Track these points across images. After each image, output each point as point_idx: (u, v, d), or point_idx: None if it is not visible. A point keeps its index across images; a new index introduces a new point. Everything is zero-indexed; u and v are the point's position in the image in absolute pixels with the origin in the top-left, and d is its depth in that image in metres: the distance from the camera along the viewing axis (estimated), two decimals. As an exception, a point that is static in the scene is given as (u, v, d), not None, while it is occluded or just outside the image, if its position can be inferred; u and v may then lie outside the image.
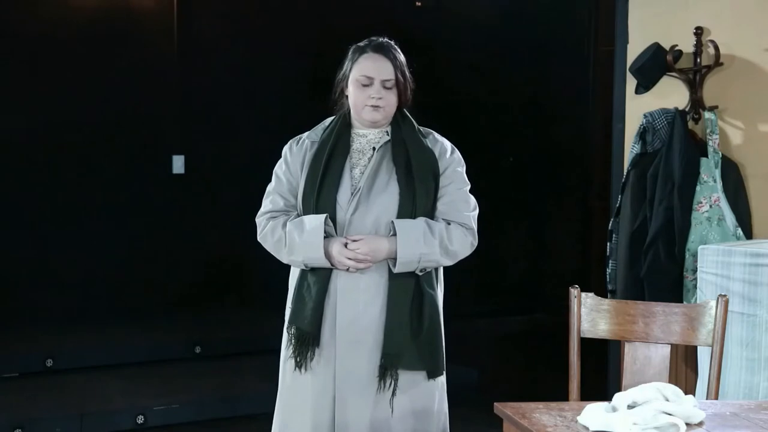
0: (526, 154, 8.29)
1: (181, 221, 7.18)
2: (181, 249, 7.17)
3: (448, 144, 3.13)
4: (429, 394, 3.04)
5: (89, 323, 6.66)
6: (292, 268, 3.10)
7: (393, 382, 2.95)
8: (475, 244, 3.06)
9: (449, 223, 3.01)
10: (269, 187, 3.12)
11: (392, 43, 3.10)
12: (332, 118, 3.15)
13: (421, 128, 3.13)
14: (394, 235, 2.93)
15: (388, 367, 2.94)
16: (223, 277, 7.33)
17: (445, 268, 3.14)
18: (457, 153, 3.12)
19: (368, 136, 3.07)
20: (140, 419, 5.14)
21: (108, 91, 6.93)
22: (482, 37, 7.97)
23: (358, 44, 3.09)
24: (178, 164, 7.26)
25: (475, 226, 3.06)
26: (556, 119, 8.17)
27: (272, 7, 7.44)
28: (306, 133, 3.14)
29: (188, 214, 7.21)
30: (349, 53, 3.09)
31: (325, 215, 2.94)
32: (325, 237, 2.92)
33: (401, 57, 3.08)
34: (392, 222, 2.94)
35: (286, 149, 3.13)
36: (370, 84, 3.01)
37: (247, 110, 7.28)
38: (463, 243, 3.02)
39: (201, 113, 7.22)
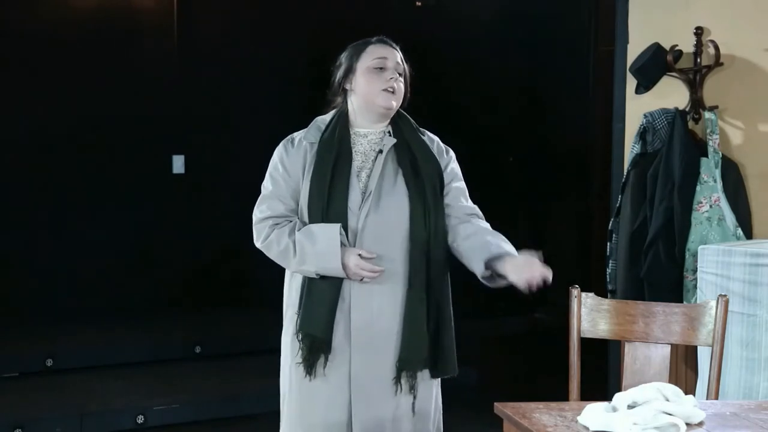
0: (526, 154, 8.29)
1: (181, 221, 7.18)
2: (181, 249, 7.17)
3: (441, 142, 3.14)
4: (430, 393, 3.06)
5: (89, 323, 6.66)
6: (291, 274, 3.04)
7: (412, 386, 2.96)
8: None
9: (478, 219, 3.09)
10: (265, 192, 3.04)
11: None
12: (325, 118, 3.08)
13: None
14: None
15: (406, 370, 2.95)
16: (223, 276, 7.33)
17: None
18: (451, 150, 3.15)
19: (369, 137, 3.04)
20: (140, 419, 5.14)
21: (108, 91, 6.93)
22: (482, 36, 7.97)
23: (355, 43, 3.07)
24: (178, 164, 7.26)
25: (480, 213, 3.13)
26: (556, 119, 8.16)
27: (272, 7, 7.44)
28: (298, 134, 3.07)
29: (188, 214, 7.21)
30: (348, 51, 3.06)
31: (339, 225, 2.89)
32: None
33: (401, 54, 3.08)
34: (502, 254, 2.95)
35: (280, 151, 3.04)
36: (384, 67, 2.98)
37: (247, 110, 7.28)
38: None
39: (201, 113, 7.22)
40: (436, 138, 3.13)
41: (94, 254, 6.96)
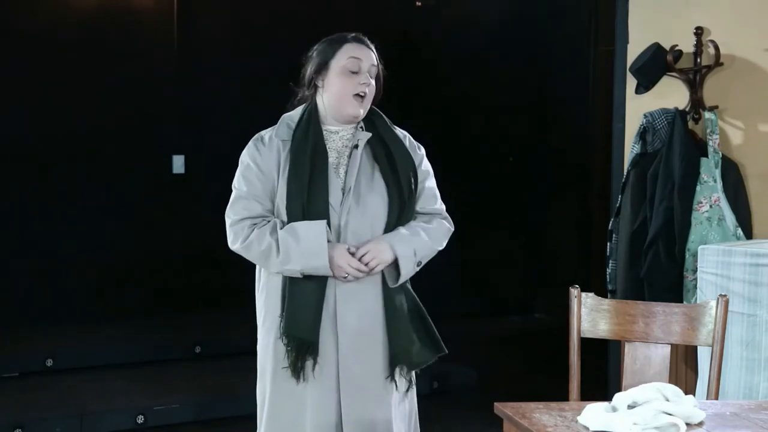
0: (526, 154, 8.29)
1: (181, 221, 7.18)
2: (181, 249, 7.17)
3: (412, 138, 3.11)
4: (413, 390, 3.06)
5: (89, 323, 6.66)
6: (267, 276, 3.00)
7: (404, 379, 2.96)
8: (452, 228, 3.08)
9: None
10: (239, 193, 2.97)
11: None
12: (293, 115, 3.04)
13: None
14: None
15: (400, 365, 2.94)
16: (223, 277, 7.32)
17: (445, 269, 3.14)
18: (422, 147, 3.12)
19: (340, 133, 3.00)
20: (140, 419, 5.14)
21: (108, 91, 6.93)
22: (482, 37, 7.97)
23: (331, 37, 3.02)
24: (178, 164, 7.26)
25: (447, 214, 3.09)
26: (556, 119, 8.16)
27: (272, 7, 7.44)
28: (267, 132, 3.03)
29: (188, 214, 7.21)
30: (322, 45, 3.02)
31: (324, 221, 2.85)
32: None
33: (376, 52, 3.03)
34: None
35: (251, 150, 3.00)
36: (358, 71, 2.94)
37: (247, 110, 7.27)
38: (440, 224, 3.03)
39: (201, 113, 7.22)
40: (407, 134, 3.10)
41: (94, 254, 6.96)
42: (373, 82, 2.98)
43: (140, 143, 7.09)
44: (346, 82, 2.94)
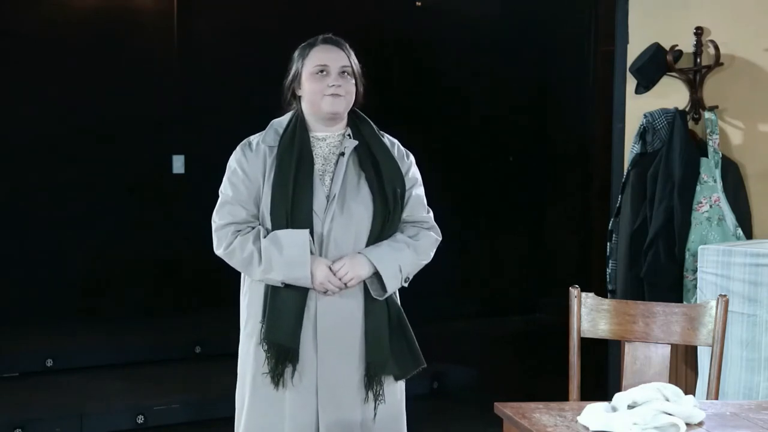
0: (526, 154, 8.29)
1: (181, 221, 7.18)
2: (181, 249, 7.17)
3: (401, 146, 3.08)
4: (395, 399, 3.03)
5: (89, 323, 6.66)
6: (251, 281, 3.01)
7: (380, 389, 2.94)
8: (439, 239, 3.05)
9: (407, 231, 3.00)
10: (224, 198, 2.97)
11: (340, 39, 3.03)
12: (282, 121, 3.03)
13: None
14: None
15: (375, 374, 2.92)
16: (223, 276, 7.30)
17: (446, 270, 3.12)
18: (411, 154, 3.09)
19: (327, 140, 2.98)
20: (140, 419, 5.14)
21: (108, 90, 6.93)
22: (482, 37, 7.98)
23: (303, 44, 3.01)
24: (178, 164, 7.26)
25: (434, 223, 3.05)
26: (556, 119, 8.17)
27: (272, 7, 7.44)
28: (255, 138, 3.01)
29: (188, 214, 7.21)
30: (296, 54, 3.01)
31: (306, 231, 2.84)
32: None
33: (352, 52, 3.00)
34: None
35: (238, 155, 2.98)
36: (326, 73, 2.92)
37: (246, 110, 7.27)
38: (427, 237, 3.00)
39: (201, 113, 7.22)
40: (396, 141, 3.07)
41: (94, 254, 6.96)
42: (348, 80, 2.95)
43: (140, 143, 7.09)
44: (315, 85, 2.93)
